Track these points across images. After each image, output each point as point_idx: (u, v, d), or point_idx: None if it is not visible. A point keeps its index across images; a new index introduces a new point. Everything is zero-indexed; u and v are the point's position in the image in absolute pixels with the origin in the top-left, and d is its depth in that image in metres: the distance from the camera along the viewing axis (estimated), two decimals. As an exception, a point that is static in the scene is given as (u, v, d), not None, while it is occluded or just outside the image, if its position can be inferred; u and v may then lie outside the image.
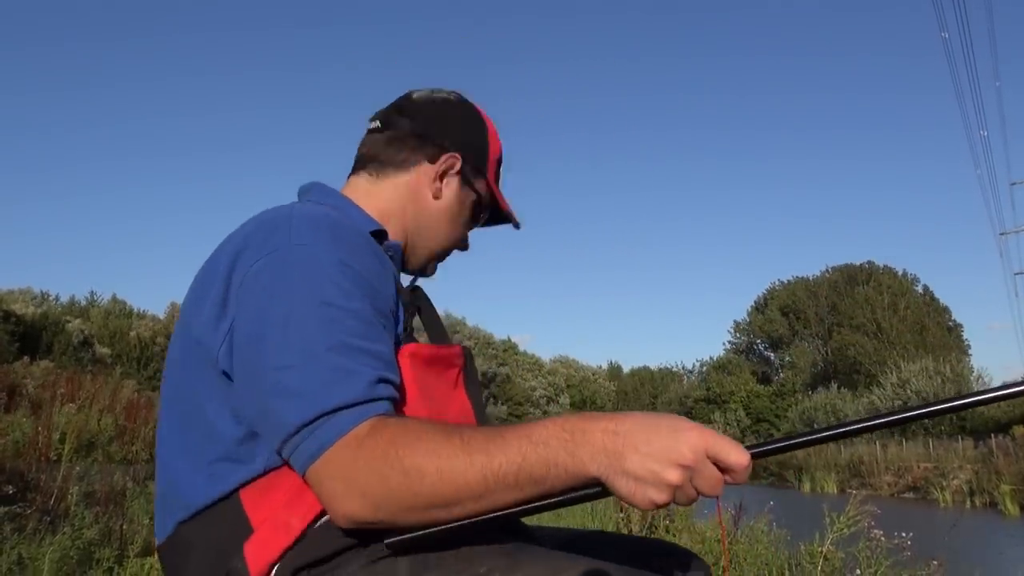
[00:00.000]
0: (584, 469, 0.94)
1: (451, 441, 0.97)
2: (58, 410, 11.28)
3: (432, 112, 1.44)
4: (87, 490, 9.01)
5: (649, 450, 0.93)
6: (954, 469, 30.06)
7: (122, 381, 20.01)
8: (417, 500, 0.95)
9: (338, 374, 1.01)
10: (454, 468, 0.95)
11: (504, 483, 0.95)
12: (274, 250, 1.11)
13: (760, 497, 9.65)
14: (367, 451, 0.96)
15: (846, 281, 64.01)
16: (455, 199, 1.44)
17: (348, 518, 0.98)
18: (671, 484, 0.93)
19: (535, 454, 0.95)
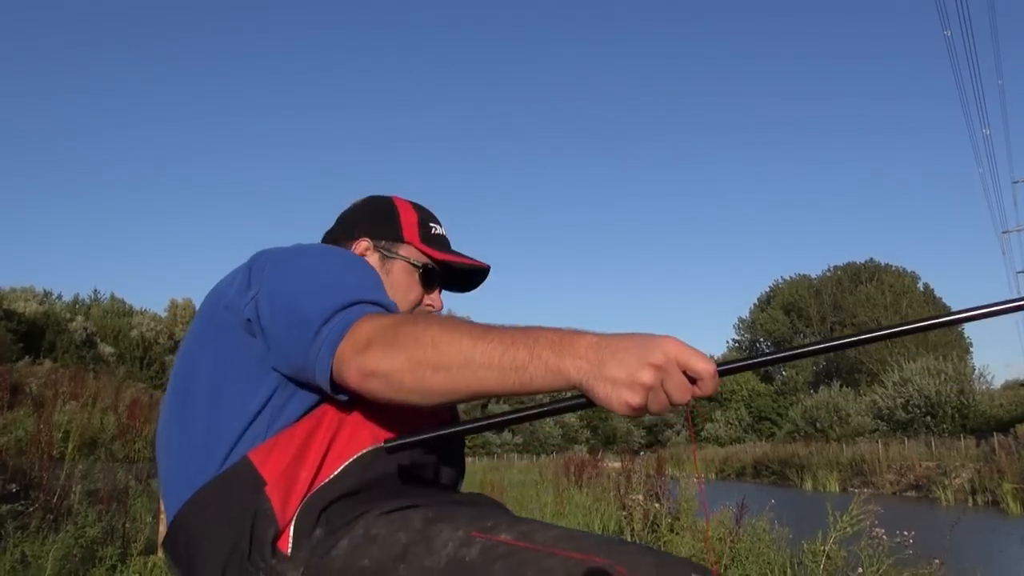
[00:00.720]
0: (566, 371, 1.03)
1: (455, 319, 1.17)
2: (61, 408, 11.30)
3: (343, 216, 1.68)
4: (90, 488, 9.03)
5: (625, 355, 1.02)
6: (956, 468, 30.00)
7: (125, 380, 20.04)
8: (419, 353, 1.09)
9: (359, 288, 1.26)
10: (452, 334, 1.09)
11: (490, 358, 1.06)
12: (289, 247, 1.39)
13: (762, 496, 9.64)
14: (388, 321, 1.16)
15: (849, 279, 63.99)
16: (381, 272, 1.58)
17: (365, 365, 1.12)
18: (644, 384, 1.00)
19: (523, 342, 1.06)
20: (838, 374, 58.65)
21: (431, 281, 1.62)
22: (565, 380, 1.03)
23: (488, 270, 1.69)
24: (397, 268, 1.59)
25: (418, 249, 1.61)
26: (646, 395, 1.01)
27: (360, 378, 1.13)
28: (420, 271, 1.60)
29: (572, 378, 1.03)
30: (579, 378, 1.02)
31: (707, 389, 1.04)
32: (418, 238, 1.61)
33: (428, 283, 1.62)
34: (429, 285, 1.62)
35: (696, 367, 1.03)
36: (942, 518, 16.19)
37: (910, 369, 43.87)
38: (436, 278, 1.63)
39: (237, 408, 1.26)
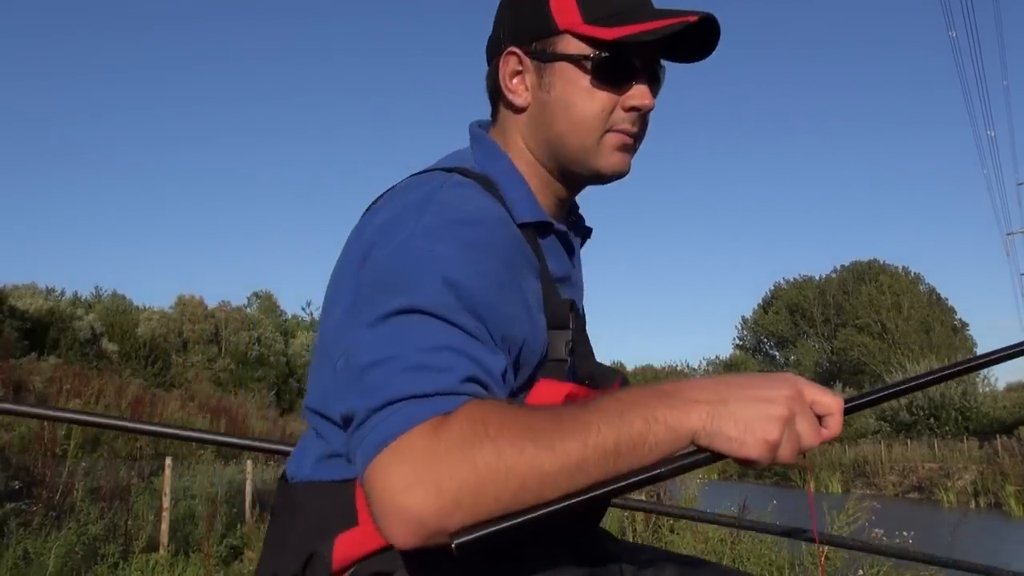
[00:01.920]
0: (686, 420, 0.86)
1: (543, 417, 0.86)
2: (64, 405, 11.34)
3: (497, 13, 1.25)
4: (92, 486, 9.07)
5: (750, 390, 0.88)
6: (959, 469, 29.99)
7: (129, 378, 20.08)
8: (508, 486, 0.81)
9: (423, 370, 0.88)
10: (553, 445, 0.82)
11: (603, 452, 0.83)
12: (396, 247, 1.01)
13: (764, 497, 9.64)
14: (447, 437, 0.82)
15: (853, 280, 63.91)
16: (541, 93, 1.17)
17: (413, 516, 0.80)
18: (781, 418, 0.86)
19: (632, 412, 0.85)
20: (841, 375, 58.57)
21: (616, 75, 1.14)
22: (687, 438, 0.86)
23: (710, 22, 1.13)
24: (559, 76, 1.15)
25: (580, 35, 1.14)
26: (782, 432, 0.86)
27: (412, 528, 0.81)
28: (590, 66, 1.13)
29: (693, 427, 0.85)
30: (702, 423, 0.85)
31: (834, 427, 0.91)
32: (578, 16, 1.13)
33: (612, 80, 1.14)
34: (614, 82, 1.14)
35: (824, 400, 0.91)
36: (944, 520, 16.18)
37: (914, 371, 43.79)
38: (623, 68, 1.14)
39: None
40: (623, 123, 1.16)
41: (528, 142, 1.20)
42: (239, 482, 11.59)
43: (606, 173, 1.18)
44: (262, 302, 45.73)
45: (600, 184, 1.23)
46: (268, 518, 1.17)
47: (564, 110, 1.15)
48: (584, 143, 1.16)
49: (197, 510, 9.81)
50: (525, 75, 1.18)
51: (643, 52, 1.15)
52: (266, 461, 13.95)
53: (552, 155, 1.19)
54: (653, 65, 1.18)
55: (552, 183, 1.22)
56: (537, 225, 1.15)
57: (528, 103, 1.19)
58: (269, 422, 22.59)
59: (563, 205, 1.25)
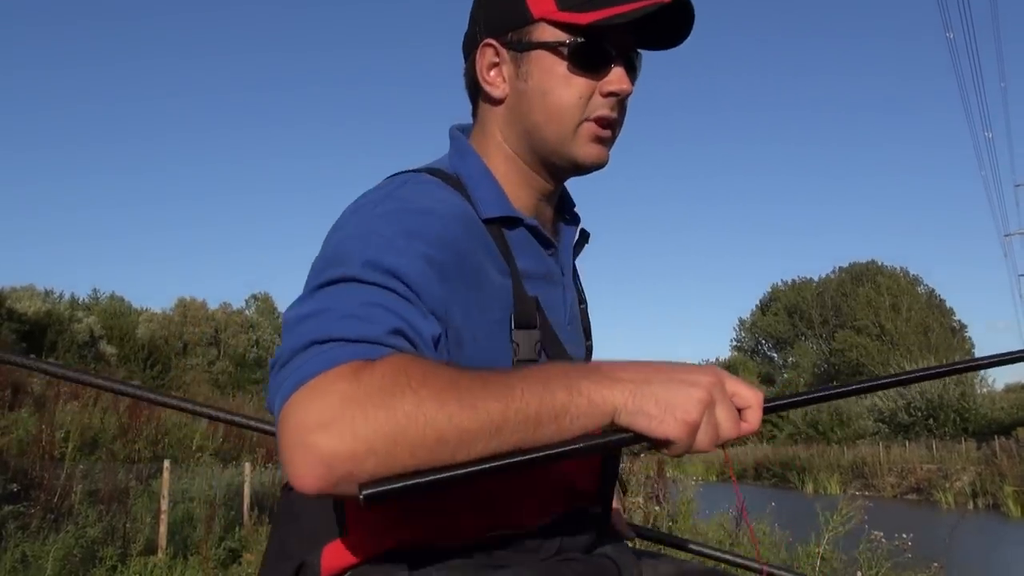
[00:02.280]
0: (609, 395, 0.85)
1: (469, 376, 0.85)
2: (62, 408, 11.32)
3: (472, 8, 1.23)
4: (90, 488, 9.06)
5: (674, 374, 0.88)
6: (957, 471, 30.00)
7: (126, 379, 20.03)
8: (425, 439, 0.78)
9: (351, 318, 0.88)
10: (475, 404, 0.81)
11: (524, 417, 0.82)
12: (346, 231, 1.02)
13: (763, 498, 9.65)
14: (368, 381, 0.80)
15: (851, 281, 63.97)
16: (518, 83, 1.16)
17: (323, 456, 0.77)
18: (701, 401, 0.86)
19: (556, 383, 0.85)
20: (839, 376, 58.60)
21: (592, 61, 1.13)
22: (609, 413, 0.85)
23: (684, 5, 1.13)
24: (535, 65, 1.14)
25: (555, 22, 1.13)
26: (701, 415, 0.86)
27: (321, 473, 0.78)
28: (567, 52, 1.12)
29: (615, 404, 0.85)
30: (623, 401, 0.85)
31: (754, 420, 0.91)
32: (552, 4, 1.12)
33: (588, 65, 1.13)
34: (591, 67, 1.13)
35: (745, 393, 0.91)
36: (943, 521, 16.19)
37: (911, 371, 43.77)
38: (599, 53, 1.13)
39: None
40: (601, 108, 1.15)
41: (507, 135, 1.20)
42: (237, 484, 11.56)
43: (584, 163, 1.18)
44: (260, 304, 45.73)
45: (579, 175, 1.23)
46: (267, 522, 1.18)
47: (541, 98, 1.14)
48: (561, 132, 1.15)
49: (195, 513, 9.79)
50: (502, 66, 1.18)
51: (619, 38, 1.14)
52: (264, 464, 13.94)
53: (530, 146, 1.18)
54: (629, 52, 1.17)
55: (532, 176, 1.21)
56: (505, 220, 1.14)
57: (506, 94, 1.18)
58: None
59: (547, 198, 1.24)
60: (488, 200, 1.14)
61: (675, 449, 0.87)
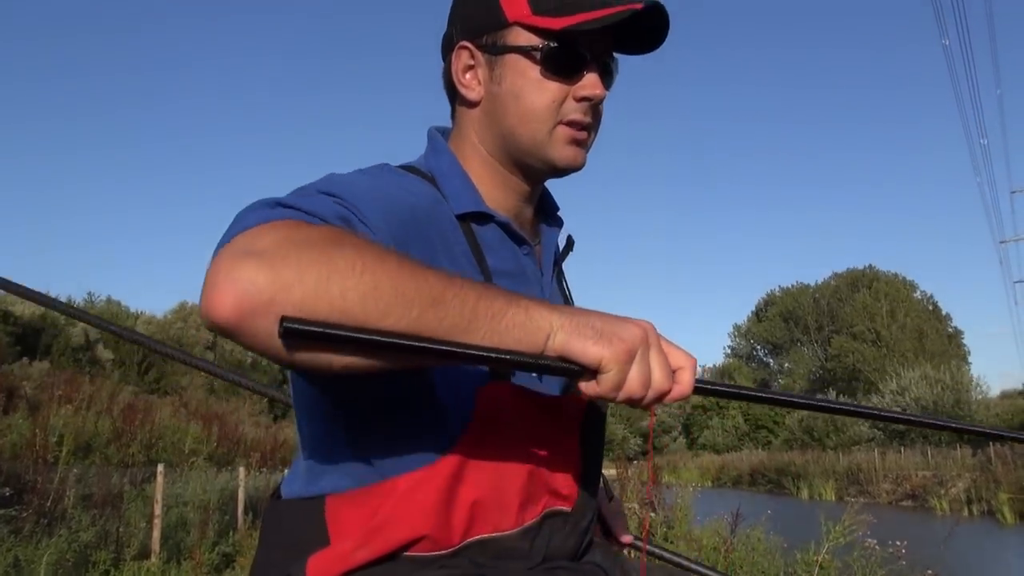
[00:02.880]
0: (547, 315, 0.84)
1: (414, 259, 0.84)
2: (56, 412, 11.29)
3: (450, 10, 1.24)
4: (84, 492, 9.03)
5: (608, 316, 0.88)
6: (952, 477, 30.01)
7: (121, 384, 19.99)
8: (360, 284, 0.76)
9: (294, 195, 0.90)
10: (415, 272, 0.80)
11: (461, 301, 0.80)
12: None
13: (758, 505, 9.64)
14: (309, 229, 0.80)
15: (847, 287, 64.06)
16: (493, 86, 1.17)
17: (245, 278, 0.73)
18: (636, 336, 0.86)
19: (496, 292, 0.85)
20: (835, 383, 58.65)
21: (566, 65, 1.13)
22: (545, 331, 0.84)
23: (656, 9, 1.12)
24: (509, 68, 1.15)
25: (529, 26, 1.13)
26: (636, 347, 0.85)
27: (233, 309, 0.73)
28: (539, 57, 1.13)
29: (554, 325, 0.84)
30: (560, 324, 0.84)
31: (686, 382, 0.90)
32: (526, 8, 1.12)
33: (562, 70, 1.13)
34: (564, 72, 1.13)
35: (678, 353, 0.91)
36: (938, 528, 16.19)
37: (908, 378, 43.88)
38: (572, 58, 1.13)
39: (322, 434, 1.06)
40: (574, 113, 1.14)
41: (482, 137, 1.20)
42: (232, 489, 11.53)
43: (559, 165, 1.18)
44: (256, 308, 45.54)
45: (556, 176, 1.23)
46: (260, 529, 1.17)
47: (515, 102, 1.14)
48: (535, 135, 1.15)
49: (189, 517, 9.77)
50: (477, 69, 1.18)
51: (593, 42, 1.14)
52: (259, 468, 13.90)
53: (505, 148, 1.18)
54: (604, 56, 1.17)
55: (509, 177, 1.21)
56: (476, 216, 1.14)
57: (481, 97, 1.18)
58: (262, 429, 22.53)
59: (525, 199, 1.24)
60: (460, 196, 1.14)
61: (604, 382, 0.85)
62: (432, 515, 0.99)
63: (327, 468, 1.04)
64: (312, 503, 1.03)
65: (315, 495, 1.03)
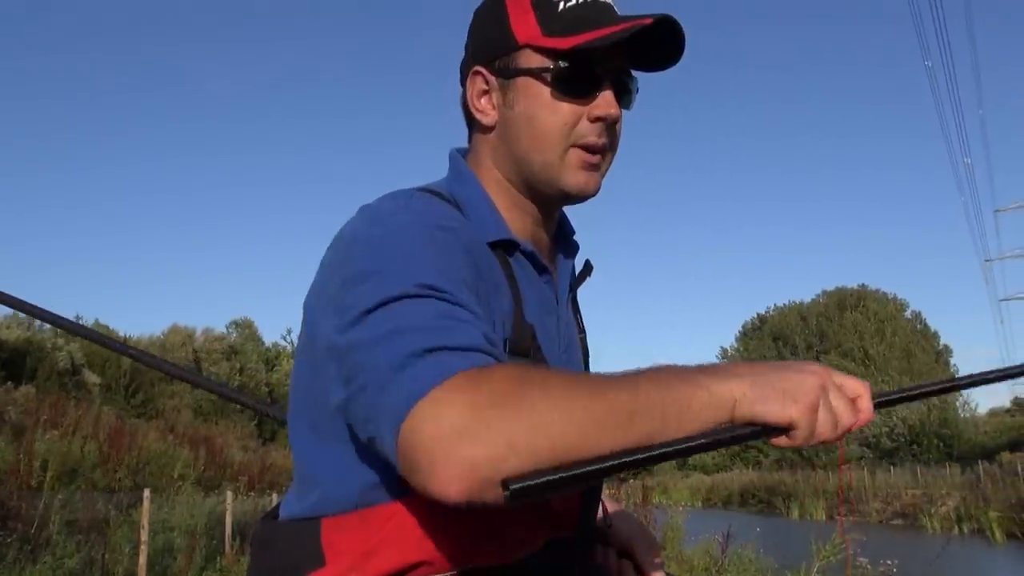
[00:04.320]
0: (728, 388, 0.85)
1: (584, 375, 0.87)
2: (41, 437, 11.17)
3: (467, 36, 1.24)
4: (69, 518, 8.92)
5: (783, 367, 0.89)
6: (942, 496, 30.04)
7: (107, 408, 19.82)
8: (565, 431, 0.78)
9: (442, 329, 0.86)
10: (604, 394, 0.81)
11: (651, 405, 0.82)
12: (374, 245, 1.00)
13: (748, 524, 9.61)
14: (492, 384, 0.79)
15: (836, 306, 64.32)
16: (506, 110, 1.15)
17: (469, 469, 0.76)
18: (817, 386, 0.87)
19: (675, 378, 0.85)
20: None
21: (578, 85, 1.11)
22: (729, 404, 0.85)
23: (668, 24, 1.10)
24: (521, 91, 1.13)
25: (540, 47, 1.11)
26: (819, 399, 0.87)
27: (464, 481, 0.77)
28: (551, 78, 1.11)
29: (736, 396, 0.85)
30: (742, 392, 0.85)
31: (866, 408, 0.92)
32: (536, 29, 1.11)
33: (574, 90, 1.11)
34: (577, 92, 1.11)
35: (851, 384, 0.92)
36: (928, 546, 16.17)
37: (895, 397, 44.01)
38: (585, 77, 1.11)
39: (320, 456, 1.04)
40: (589, 135, 1.12)
41: (497, 162, 1.18)
42: (219, 513, 11.42)
43: (571, 192, 1.15)
44: (242, 330, 45.45)
45: (569, 204, 1.21)
46: (249, 552, 1.15)
47: (528, 125, 1.12)
48: (548, 159, 1.13)
49: (176, 543, 9.67)
50: (492, 93, 1.16)
51: (608, 61, 1.11)
52: (247, 492, 13.79)
53: (519, 173, 1.17)
54: (620, 75, 1.15)
55: (524, 203, 1.19)
56: (504, 245, 1.12)
57: (495, 121, 1.17)
58: (250, 452, 22.38)
59: (541, 226, 1.22)
60: (488, 224, 1.12)
61: (797, 437, 0.86)
62: (431, 541, 0.97)
63: (326, 489, 1.02)
64: (308, 524, 1.02)
65: (311, 516, 1.02)
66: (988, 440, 38.33)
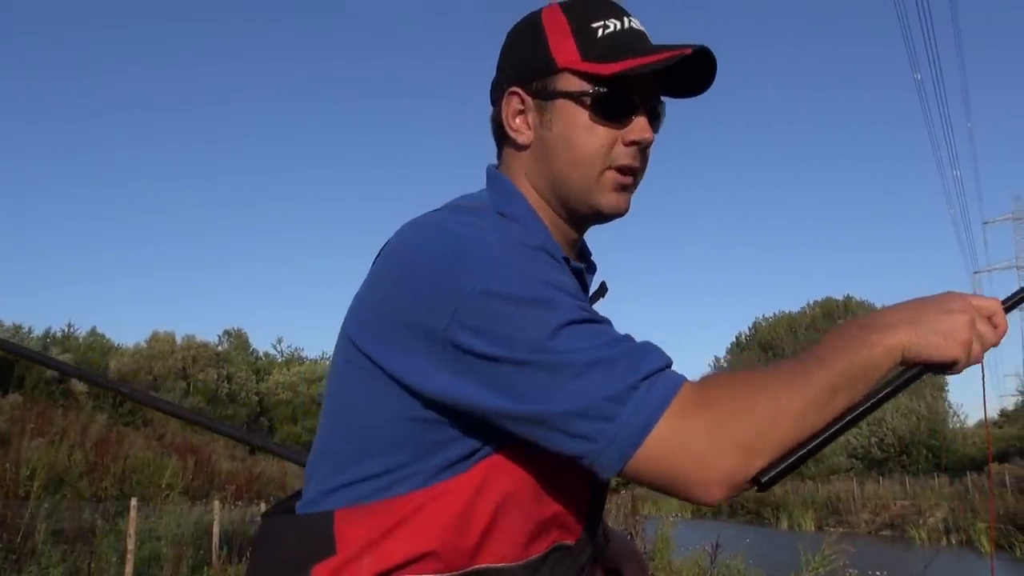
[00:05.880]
0: (897, 340, 0.97)
1: (775, 364, 0.98)
2: (28, 445, 11.10)
3: (499, 56, 1.26)
4: (55, 528, 8.86)
5: (936, 306, 1.01)
6: (931, 507, 30.10)
7: (93, 415, 19.70)
8: (790, 422, 0.92)
9: (637, 353, 0.95)
10: (805, 380, 0.94)
11: (847, 376, 0.95)
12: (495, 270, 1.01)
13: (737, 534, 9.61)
14: (713, 397, 0.93)
15: (824, 316, 64.52)
16: (543, 131, 1.18)
17: (726, 478, 0.91)
18: (968, 322, 0.99)
19: (852, 344, 0.97)
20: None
21: (615, 110, 1.15)
22: (899, 357, 0.98)
23: (706, 55, 1.15)
24: (559, 113, 1.16)
25: (579, 72, 1.15)
26: (972, 333, 1.00)
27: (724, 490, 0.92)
28: (589, 102, 1.14)
29: (904, 342, 0.97)
30: (907, 339, 0.97)
31: (1002, 323, 1.05)
32: (576, 54, 1.15)
33: (611, 115, 1.15)
34: (614, 117, 1.15)
35: (986, 304, 1.04)
36: (917, 557, 16.20)
37: (883, 408, 44.06)
38: (622, 103, 1.15)
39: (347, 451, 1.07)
40: (624, 158, 1.16)
41: (533, 181, 1.20)
42: (206, 523, 11.35)
43: (605, 211, 1.19)
44: (233, 340, 45.30)
45: (601, 223, 1.24)
46: (237, 561, 1.15)
47: (565, 146, 1.16)
48: (585, 180, 1.16)
49: (163, 552, 9.60)
50: (527, 114, 1.19)
51: (642, 87, 1.16)
52: (234, 501, 13.72)
53: (555, 193, 1.19)
54: (652, 100, 1.19)
55: (559, 222, 1.22)
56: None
57: (531, 141, 1.19)
58: (238, 462, 22.27)
59: (573, 245, 1.25)
60: (545, 243, 1.13)
61: (957, 368, 1.00)
62: (443, 534, 0.99)
63: (345, 482, 1.04)
64: (321, 516, 1.04)
65: (324, 511, 1.04)
66: (977, 451, 38.43)
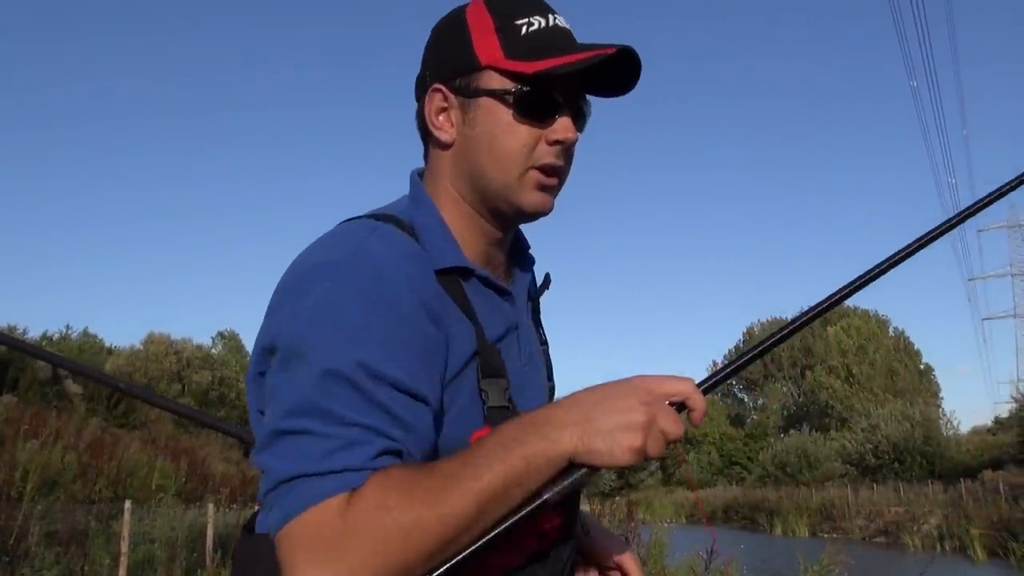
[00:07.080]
0: (561, 446, 0.92)
1: (434, 477, 0.91)
2: (21, 447, 11.06)
3: (424, 51, 1.24)
4: (49, 530, 8.82)
5: (607, 404, 0.94)
6: (924, 513, 30.12)
7: (88, 418, 19.65)
8: (421, 553, 0.87)
9: (339, 448, 0.92)
10: (451, 506, 0.88)
11: (495, 494, 0.90)
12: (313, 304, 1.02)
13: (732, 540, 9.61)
14: (351, 516, 0.87)
15: (820, 322, 64.58)
16: (465, 129, 1.17)
17: None
18: (640, 423, 0.93)
19: (513, 453, 0.91)
20: (808, 418, 58.92)
21: (538, 109, 1.14)
22: (564, 458, 0.92)
23: (629, 55, 1.13)
24: (482, 112, 1.15)
25: (502, 70, 1.13)
26: (645, 435, 0.93)
27: None
28: (512, 101, 1.13)
29: (569, 450, 0.92)
30: (574, 445, 0.92)
31: (698, 406, 0.98)
32: (499, 52, 1.14)
33: (534, 114, 1.13)
34: (537, 116, 1.14)
35: (675, 388, 0.98)
36: (911, 564, 16.22)
37: (877, 415, 44.16)
38: (545, 102, 1.14)
39: None
40: (547, 157, 1.14)
41: (454, 179, 1.20)
42: (200, 526, 11.33)
43: (528, 211, 1.18)
44: (227, 342, 45.24)
45: (524, 222, 1.24)
46: (231, 563, 1.14)
47: (488, 145, 1.14)
48: (507, 179, 1.15)
49: (156, 555, 9.58)
50: (450, 111, 1.18)
51: (566, 86, 1.14)
52: (228, 504, 13.69)
53: (476, 191, 1.18)
54: (576, 99, 1.17)
55: (480, 221, 1.21)
56: (459, 271, 1.13)
57: (454, 139, 1.18)
58: (232, 464, 22.21)
59: (497, 244, 1.24)
60: (443, 251, 1.13)
61: (629, 464, 0.94)
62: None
63: None
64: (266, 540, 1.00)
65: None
66: (970, 458, 38.52)
